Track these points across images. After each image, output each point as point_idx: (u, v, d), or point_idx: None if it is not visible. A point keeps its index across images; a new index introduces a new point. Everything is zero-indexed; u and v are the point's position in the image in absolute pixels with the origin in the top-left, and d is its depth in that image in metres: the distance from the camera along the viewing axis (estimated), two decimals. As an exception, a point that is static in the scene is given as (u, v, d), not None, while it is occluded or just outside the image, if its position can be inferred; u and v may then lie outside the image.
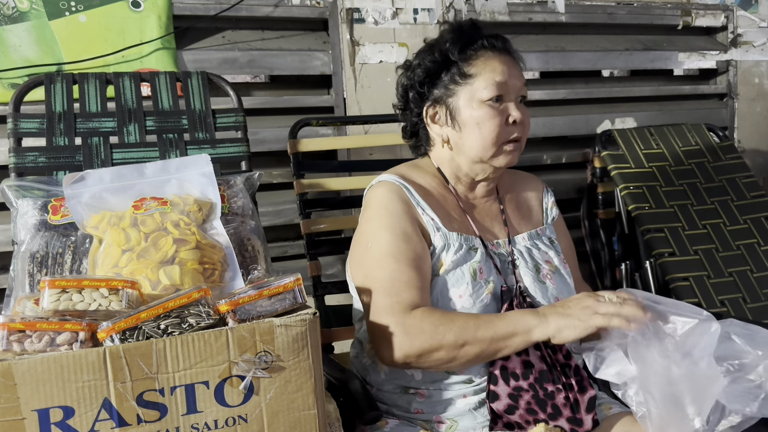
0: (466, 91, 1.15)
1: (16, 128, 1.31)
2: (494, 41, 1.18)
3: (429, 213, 1.15)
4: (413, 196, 1.16)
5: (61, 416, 0.79)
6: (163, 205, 1.07)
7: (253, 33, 1.91)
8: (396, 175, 1.19)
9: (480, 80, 1.14)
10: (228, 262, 1.06)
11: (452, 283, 1.11)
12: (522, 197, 1.31)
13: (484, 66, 1.15)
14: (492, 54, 1.16)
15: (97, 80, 1.39)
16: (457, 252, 1.13)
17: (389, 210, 1.13)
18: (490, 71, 1.14)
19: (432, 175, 1.23)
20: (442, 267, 1.13)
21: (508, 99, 1.16)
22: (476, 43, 1.17)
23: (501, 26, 2.19)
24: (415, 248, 1.11)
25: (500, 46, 1.18)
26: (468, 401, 1.11)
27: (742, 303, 1.75)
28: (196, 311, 0.86)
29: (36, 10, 1.62)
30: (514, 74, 1.16)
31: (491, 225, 1.23)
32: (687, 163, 2.01)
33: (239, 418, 0.86)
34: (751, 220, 1.92)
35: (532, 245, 1.23)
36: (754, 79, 2.53)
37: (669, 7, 2.39)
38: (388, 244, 1.10)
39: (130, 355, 0.80)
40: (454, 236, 1.15)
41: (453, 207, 1.21)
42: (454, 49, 1.16)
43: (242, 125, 1.46)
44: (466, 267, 1.12)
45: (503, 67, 1.15)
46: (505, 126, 1.15)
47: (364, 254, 1.14)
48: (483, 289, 1.12)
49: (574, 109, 2.31)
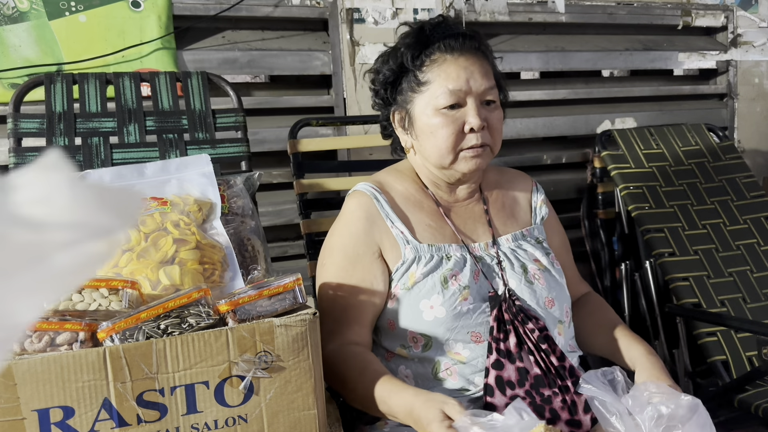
0: (422, 98, 1.11)
1: (16, 128, 1.31)
2: (452, 41, 1.11)
3: (399, 226, 1.13)
4: (383, 208, 1.14)
5: (61, 416, 0.79)
6: (163, 205, 1.07)
7: (253, 33, 1.91)
8: (372, 184, 1.17)
9: (434, 86, 1.10)
10: (228, 262, 1.06)
11: (423, 295, 1.09)
12: (508, 197, 1.26)
13: (438, 72, 1.10)
14: (449, 56, 1.10)
15: (97, 80, 1.39)
16: (428, 263, 1.11)
17: (350, 230, 1.13)
18: (444, 78, 1.09)
19: (411, 180, 1.20)
20: (411, 279, 1.11)
21: (467, 104, 1.10)
22: (432, 46, 1.11)
23: (501, 26, 2.20)
24: (363, 274, 1.11)
25: (459, 46, 1.11)
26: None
27: (741, 303, 1.75)
28: (196, 311, 0.86)
29: (36, 10, 1.62)
30: (475, 77, 1.10)
31: (474, 228, 1.19)
32: (687, 163, 2.01)
33: (239, 418, 0.86)
34: (751, 220, 1.92)
35: (518, 246, 1.19)
36: (754, 79, 2.53)
37: (669, 7, 2.39)
38: (337, 268, 1.12)
39: (130, 355, 0.80)
40: (425, 248, 1.12)
41: (430, 213, 1.18)
42: (408, 56, 1.12)
43: (242, 125, 1.46)
44: (436, 276, 1.09)
45: (459, 72, 1.09)
46: (461, 134, 1.09)
47: (319, 269, 1.17)
48: (457, 296, 1.08)
49: (574, 109, 2.31)
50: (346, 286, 1.11)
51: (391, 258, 1.13)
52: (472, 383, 1.08)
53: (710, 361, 1.63)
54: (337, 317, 1.10)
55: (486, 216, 1.21)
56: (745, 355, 1.63)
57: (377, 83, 1.19)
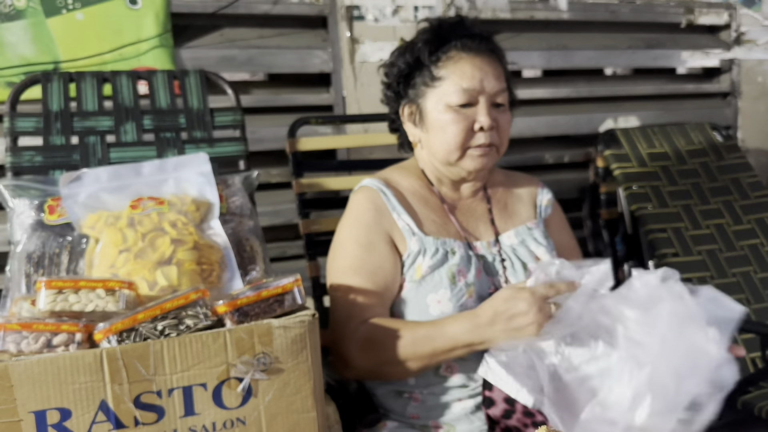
0: (435, 93, 1.14)
1: (13, 127, 1.30)
2: (469, 42, 1.14)
3: (405, 218, 1.15)
4: (390, 201, 1.16)
5: (57, 418, 0.78)
6: (160, 204, 1.06)
7: (251, 31, 1.90)
8: (378, 179, 1.20)
9: (448, 83, 1.13)
10: (226, 263, 1.06)
11: (430, 289, 1.10)
12: (513, 196, 1.28)
13: (453, 69, 1.13)
14: (465, 56, 1.13)
15: (94, 79, 1.38)
16: (434, 256, 1.12)
17: (360, 220, 1.15)
18: (459, 76, 1.12)
19: (416, 177, 1.23)
20: (418, 272, 1.12)
21: (479, 104, 1.13)
22: (449, 44, 1.14)
23: (502, 24, 2.19)
24: (379, 259, 1.12)
25: (476, 47, 1.14)
26: (464, 405, 1.10)
27: (745, 304, 1.74)
28: (194, 312, 0.85)
29: (33, 8, 1.61)
30: (488, 78, 1.13)
31: (476, 226, 1.21)
32: (690, 162, 2.00)
33: (237, 420, 0.85)
34: (755, 220, 1.91)
35: (519, 243, 1.20)
36: (758, 78, 2.52)
37: (672, 5, 2.38)
38: (352, 258, 1.13)
39: (127, 357, 0.80)
40: (430, 240, 1.14)
41: (435, 209, 1.20)
42: (425, 51, 1.15)
43: (240, 124, 1.44)
44: (443, 271, 1.11)
45: (474, 71, 1.12)
46: (470, 132, 1.12)
47: (331, 264, 1.17)
48: (463, 292, 1.10)
49: (576, 108, 2.30)
50: (361, 273, 1.11)
51: (399, 249, 1.15)
52: (472, 379, 1.10)
53: (713, 362, 1.62)
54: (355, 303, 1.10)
55: (489, 215, 1.23)
56: (749, 356, 1.62)
57: (390, 76, 1.21)
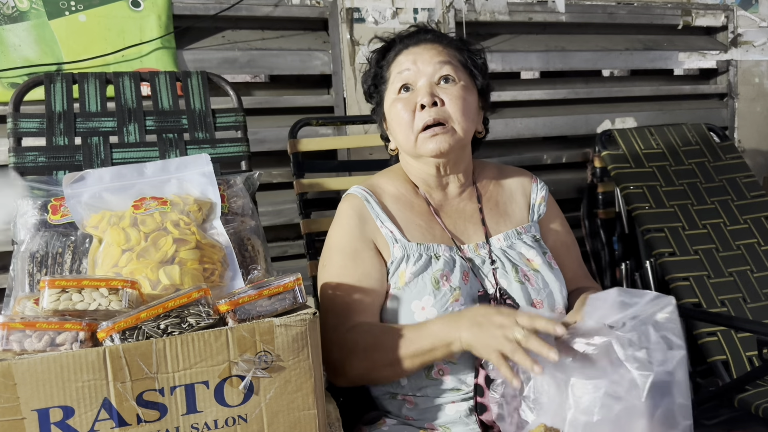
0: (387, 94, 1.20)
1: (16, 128, 1.31)
2: (407, 40, 1.19)
3: (388, 225, 1.15)
4: (373, 209, 1.17)
5: (60, 416, 0.79)
6: (162, 204, 1.07)
7: (253, 33, 1.91)
8: (363, 187, 1.21)
9: (392, 79, 1.18)
10: (228, 262, 1.06)
11: (414, 295, 1.09)
12: (504, 194, 1.25)
13: (394, 66, 1.18)
14: (404, 50, 1.18)
15: (96, 80, 1.39)
16: (417, 262, 1.11)
17: (344, 229, 1.16)
18: (397, 69, 1.17)
19: (403, 181, 1.23)
20: (402, 279, 1.11)
21: (417, 85, 1.14)
22: (393, 48, 1.20)
23: (501, 26, 2.20)
24: (364, 267, 1.12)
25: (413, 41, 1.18)
26: (458, 408, 1.09)
27: (742, 303, 1.75)
28: (196, 311, 0.86)
29: (36, 10, 1.62)
30: (424, 59, 1.15)
31: (465, 227, 1.19)
32: (687, 162, 2.01)
33: (239, 417, 0.86)
34: (752, 219, 1.92)
35: (509, 246, 1.18)
36: (755, 79, 2.53)
37: (669, 6, 2.39)
38: (338, 267, 1.14)
39: (129, 355, 0.80)
40: (413, 246, 1.13)
41: (421, 213, 1.19)
42: (375, 62, 1.23)
43: (242, 125, 1.45)
44: (427, 276, 1.10)
45: (408, 58, 1.16)
46: (416, 112, 1.12)
47: (320, 273, 1.18)
48: (447, 297, 1.08)
49: (574, 109, 2.31)
50: (347, 282, 1.12)
51: (384, 256, 1.15)
52: (464, 383, 1.09)
53: (710, 361, 1.63)
54: (342, 311, 1.11)
55: (479, 215, 1.21)
56: (746, 355, 1.63)
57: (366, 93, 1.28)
